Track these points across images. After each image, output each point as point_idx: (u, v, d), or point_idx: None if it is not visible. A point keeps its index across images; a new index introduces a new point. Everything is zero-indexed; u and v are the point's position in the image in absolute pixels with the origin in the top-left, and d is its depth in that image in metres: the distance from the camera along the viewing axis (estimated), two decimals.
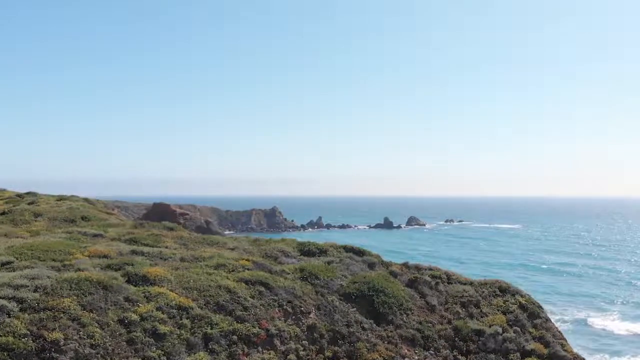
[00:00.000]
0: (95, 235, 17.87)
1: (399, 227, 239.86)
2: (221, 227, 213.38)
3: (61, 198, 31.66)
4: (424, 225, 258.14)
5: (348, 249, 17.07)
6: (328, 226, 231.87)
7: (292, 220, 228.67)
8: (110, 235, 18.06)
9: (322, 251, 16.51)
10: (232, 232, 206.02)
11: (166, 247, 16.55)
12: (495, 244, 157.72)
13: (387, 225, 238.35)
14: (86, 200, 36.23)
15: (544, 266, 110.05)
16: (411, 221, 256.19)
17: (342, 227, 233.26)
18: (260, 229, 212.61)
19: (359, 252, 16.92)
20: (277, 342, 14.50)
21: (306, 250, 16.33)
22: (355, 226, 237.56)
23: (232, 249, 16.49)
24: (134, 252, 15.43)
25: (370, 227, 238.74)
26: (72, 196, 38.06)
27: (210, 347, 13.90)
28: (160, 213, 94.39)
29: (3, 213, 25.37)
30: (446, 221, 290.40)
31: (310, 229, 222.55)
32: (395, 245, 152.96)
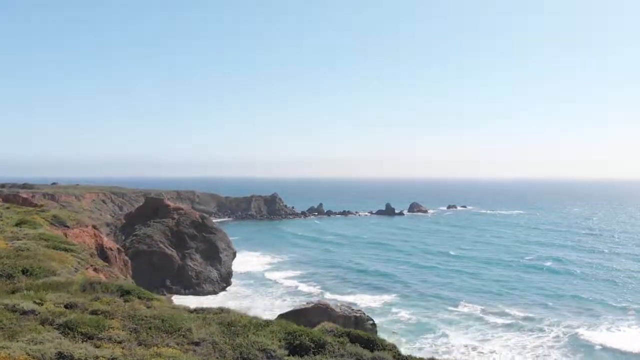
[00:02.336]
0: (24, 312, 13.76)
1: (400, 213, 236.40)
2: (220, 214, 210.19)
3: (21, 221, 27.63)
4: (426, 212, 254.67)
5: (354, 338, 12.94)
6: (329, 213, 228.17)
7: (293, 207, 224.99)
8: (44, 310, 13.90)
9: (318, 344, 12.33)
10: (230, 219, 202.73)
11: (109, 339, 12.33)
12: (495, 234, 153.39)
13: (389, 212, 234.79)
14: (55, 217, 32.12)
15: (547, 263, 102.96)
16: (413, 207, 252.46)
17: (343, 213, 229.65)
18: (260, 216, 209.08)
19: (369, 344, 12.76)
20: None
21: (296, 345, 12.13)
22: (356, 212, 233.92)
23: (197, 344, 12.27)
24: (60, 357, 11.38)
25: (371, 213, 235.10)
26: (41, 211, 33.97)
27: None
28: (153, 208, 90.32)
29: None
30: (448, 207, 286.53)
31: (311, 216, 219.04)
32: (397, 236, 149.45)
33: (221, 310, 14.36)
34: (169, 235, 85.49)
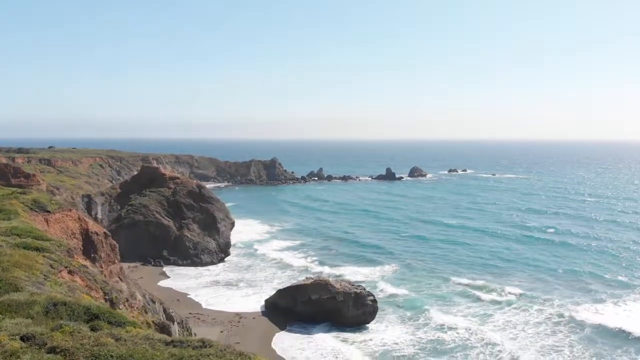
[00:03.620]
0: None
1: (400, 178, 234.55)
2: (219, 179, 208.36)
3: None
4: (426, 176, 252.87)
5: None
6: (329, 177, 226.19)
7: (292, 172, 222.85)
8: None
9: None
10: (230, 184, 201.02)
11: None
12: (492, 201, 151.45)
13: (389, 176, 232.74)
14: (35, 202, 30.00)
15: (544, 235, 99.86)
16: (414, 172, 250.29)
17: (344, 178, 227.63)
18: (260, 181, 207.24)
19: None
20: None
21: None
22: (357, 177, 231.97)
23: None
24: None
25: (372, 178, 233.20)
26: (22, 193, 31.84)
27: None
28: (149, 177, 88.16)
29: None
30: (449, 171, 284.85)
31: (311, 181, 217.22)
32: (395, 204, 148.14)
33: (202, 343, 12.37)
34: (166, 205, 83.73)
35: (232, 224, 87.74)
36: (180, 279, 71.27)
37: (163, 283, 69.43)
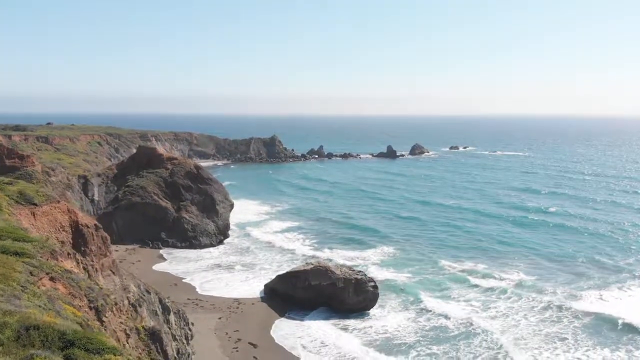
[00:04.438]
0: None
1: (402, 155, 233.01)
2: (218, 156, 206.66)
3: None
4: (428, 153, 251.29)
5: None
6: (329, 155, 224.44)
7: (292, 150, 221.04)
8: None
9: None
10: (229, 161, 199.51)
11: None
12: (493, 180, 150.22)
13: (390, 154, 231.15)
14: (20, 194, 28.62)
15: (543, 217, 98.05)
16: (415, 149, 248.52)
17: (344, 156, 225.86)
18: (260, 158, 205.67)
19: None
20: None
21: None
22: (357, 155, 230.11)
23: None
24: None
25: (373, 155, 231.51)
26: (8, 183, 30.44)
27: None
28: (146, 157, 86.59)
29: None
30: (451, 148, 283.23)
31: (311, 159, 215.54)
32: (393, 184, 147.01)
33: None
34: (163, 187, 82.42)
35: (231, 206, 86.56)
36: (178, 262, 70.39)
37: (161, 266, 68.57)
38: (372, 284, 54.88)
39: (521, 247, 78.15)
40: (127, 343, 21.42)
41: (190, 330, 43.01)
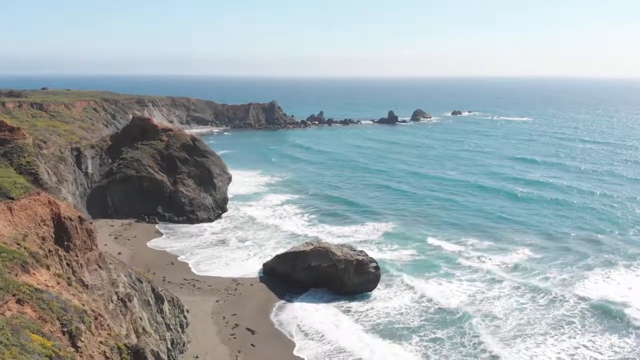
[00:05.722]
0: None
1: (403, 121, 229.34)
2: (217, 122, 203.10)
3: None
4: (430, 118, 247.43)
5: None
6: (330, 122, 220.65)
7: (292, 116, 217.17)
8: None
9: None
10: (228, 127, 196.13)
11: None
12: (494, 149, 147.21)
13: (391, 120, 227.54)
14: (16, 180, 26.39)
15: (542, 191, 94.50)
16: (416, 115, 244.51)
17: (344, 122, 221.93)
18: (259, 125, 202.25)
19: None
20: None
21: None
22: (358, 121, 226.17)
23: None
24: None
25: (374, 122, 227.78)
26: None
27: None
28: (141, 129, 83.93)
29: None
30: (453, 113, 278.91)
31: (311, 125, 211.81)
32: (391, 155, 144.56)
33: None
34: (159, 159, 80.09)
35: (229, 179, 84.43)
36: (176, 238, 68.71)
37: (157, 243, 66.84)
38: (374, 264, 53.26)
39: (526, 224, 75.46)
40: None
41: (185, 317, 41.55)
